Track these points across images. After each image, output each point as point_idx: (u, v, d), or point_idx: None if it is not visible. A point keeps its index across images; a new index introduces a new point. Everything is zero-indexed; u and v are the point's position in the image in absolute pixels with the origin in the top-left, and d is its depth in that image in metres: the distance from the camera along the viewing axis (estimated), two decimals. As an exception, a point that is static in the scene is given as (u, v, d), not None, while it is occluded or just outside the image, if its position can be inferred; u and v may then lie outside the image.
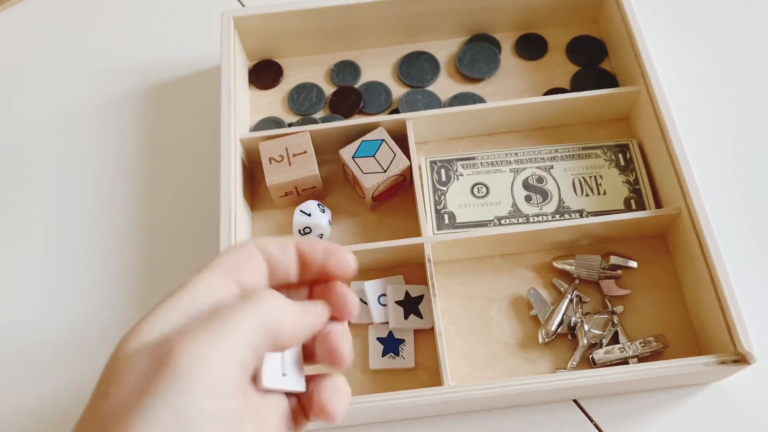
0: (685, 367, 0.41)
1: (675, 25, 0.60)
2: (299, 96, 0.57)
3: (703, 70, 0.57)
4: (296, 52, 0.59)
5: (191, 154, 0.56)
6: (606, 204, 0.50)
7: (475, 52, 0.58)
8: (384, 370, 0.46)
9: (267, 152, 0.51)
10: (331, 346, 0.28)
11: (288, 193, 0.51)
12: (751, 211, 0.51)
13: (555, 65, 0.58)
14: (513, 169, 0.52)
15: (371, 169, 0.50)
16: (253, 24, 0.56)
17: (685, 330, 0.47)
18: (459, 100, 0.56)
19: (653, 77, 0.50)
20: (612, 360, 0.45)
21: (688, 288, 0.47)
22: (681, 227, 0.47)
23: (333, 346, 0.28)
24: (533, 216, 0.50)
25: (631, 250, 0.49)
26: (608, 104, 0.53)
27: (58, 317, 0.50)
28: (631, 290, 0.48)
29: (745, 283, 0.47)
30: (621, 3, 0.53)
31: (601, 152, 0.52)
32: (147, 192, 0.55)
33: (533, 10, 0.58)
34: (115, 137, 0.57)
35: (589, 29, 0.59)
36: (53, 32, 0.63)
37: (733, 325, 0.41)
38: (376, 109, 0.56)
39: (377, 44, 0.59)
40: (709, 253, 0.43)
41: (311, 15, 0.55)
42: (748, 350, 0.40)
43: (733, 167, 0.53)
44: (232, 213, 0.47)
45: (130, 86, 0.59)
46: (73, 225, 0.54)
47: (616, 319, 0.46)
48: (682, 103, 0.55)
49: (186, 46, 0.61)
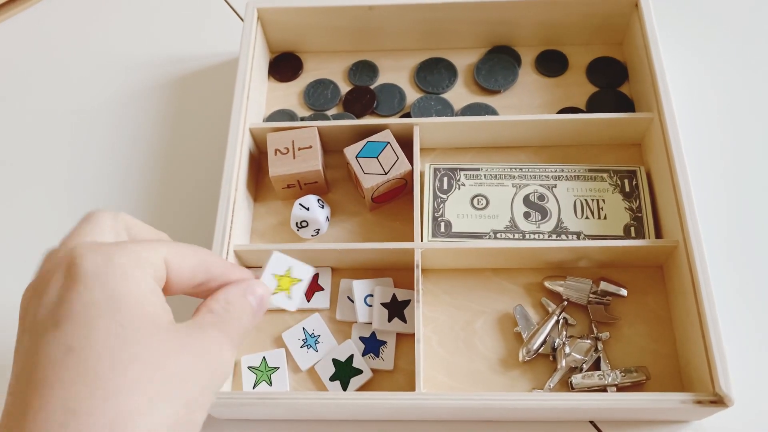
0: (659, 402, 0.40)
1: (698, 56, 0.58)
2: (315, 91, 0.58)
3: (721, 104, 0.56)
4: (318, 47, 0.60)
5: (210, 144, 0.57)
6: (605, 229, 0.49)
7: (493, 64, 0.57)
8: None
9: (274, 143, 0.51)
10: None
11: (290, 186, 0.52)
12: (751, 252, 0.50)
13: (573, 84, 0.57)
14: (516, 184, 0.51)
15: (373, 170, 0.50)
16: (276, 17, 0.57)
17: (671, 365, 0.46)
18: (472, 110, 0.56)
19: (666, 105, 0.49)
20: (590, 386, 0.44)
21: (677, 323, 0.46)
22: (677, 260, 0.46)
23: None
24: (530, 233, 0.49)
25: (627, 278, 0.48)
26: (621, 128, 0.52)
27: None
28: (620, 318, 0.47)
29: (734, 325, 0.46)
30: (645, 27, 0.52)
31: (607, 176, 0.51)
32: (162, 181, 0.56)
33: (558, 26, 0.57)
34: (141, 126, 0.59)
35: (613, 51, 0.58)
36: (81, 27, 0.65)
37: (714, 365, 0.40)
38: (388, 111, 0.57)
39: (398, 47, 0.59)
40: (699, 289, 0.42)
41: (334, 13, 0.56)
42: (726, 392, 0.39)
43: (737, 206, 0.52)
44: (231, 199, 0.48)
45: (158, 77, 0.61)
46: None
47: (600, 345, 0.46)
48: (695, 135, 0.54)
49: (215, 38, 0.63)
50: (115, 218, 0.32)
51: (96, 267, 0.28)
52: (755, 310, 0.48)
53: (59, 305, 0.27)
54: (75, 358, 0.26)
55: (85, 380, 0.26)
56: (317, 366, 0.47)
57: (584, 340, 0.45)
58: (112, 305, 0.27)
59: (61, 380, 0.26)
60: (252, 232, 0.53)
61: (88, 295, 0.27)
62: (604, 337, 0.46)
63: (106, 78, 0.62)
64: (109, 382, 0.26)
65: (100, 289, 0.27)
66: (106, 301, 0.27)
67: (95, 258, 0.28)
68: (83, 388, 0.26)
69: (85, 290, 0.27)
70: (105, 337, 0.27)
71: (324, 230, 0.52)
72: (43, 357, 0.26)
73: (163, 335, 0.28)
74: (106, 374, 0.26)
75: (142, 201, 0.55)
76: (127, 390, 0.26)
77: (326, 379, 0.46)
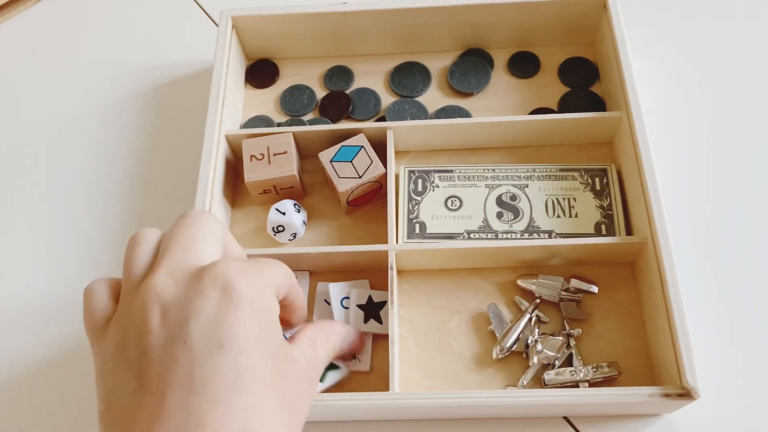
0: (627, 396, 0.41)
1: (669, 55, 0.59)
2: (291, 97, 0.59)
3: (690, 103, 0.57)
4: (293, 53, 0.60)
5: (188, 152, 0.57)
6: (576, 227, 0.50)
7: (466, 67, 0.58)
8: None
9: (249, 149, 0.52)
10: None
11: (267, 191, 0.52)
12: (718, 248, 0.51)
13: (546, 85, 0.58)
14: (489, 184, 0.52)
15: (347, 174, 0.51)
16: (251, 24, 0.57)
17: (642, 360, 0.47)
18: (446, 112, 0.57)
19: (634, 104, 0.50)
20: (562, 382, 0.45)
21: (648, 318, 0.47)
22: (646, 257, 0.46)
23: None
24: (502, 233, 0.50)
25: (600, 275, 0.49)
26: (592, 128, 0.53)
27: (51, 304, 0.53)
28: (592, 315, 0.48)
29: (702, 320, 0.47)
30: (613, 27, 0.53)
31: (578, 175, 0.52)
32: (141, 189, 0.57)
33: (530, 28, 0.58)
34: (121, 134, 0.59)
35: (584, 51, 0.59)
36: (59, 37, 0.66)
37: (681, 358, 0.41)
38: (364, 116, 0.57)
39: (373, 52, 0.60)
40: (666, 285, 0.43)
41: (308, 19, 0.57)
42: (693, 385, 0.40)
43: (706, 203, 0.52)
44: (206, 205, 0.49)
45: (138, 85, 0.62)
46: (62, 229, 0.56)
47: (572, 342, 0.46)
48: (664, 133, 0.54)
49: (194, 46, 0.63)
50: (222, 228, 0.34)
51: (250, 294, 0.30)
52: (724, 305, 0.48)
53: (219, 325, 0.29)
54: (246, 384, 0.28)
55: (256, 407, 0.28)
56: None
57: (556, 338, 0.46)
58: (264, 337, 0.30)
59: (237, 405, 0.27)
60: (230, 238, 0.53)
61: (248, 322, 0.29)
62: (576, 333, 0.47)
63: (84, 87, 0.62)
64: (271, 410, 0.29)
65: (252, 316, 0.30)
66: (261, 333, 0.30)
67: (248, 285, 0.30)
68: (256, 414, 0.28)
69: (243, 317, 0.29)
70: (264, 368, 0.29)
71: (301, 234, 0.52)
72: (212, 375, 0.28)
73: (291, 367, 0.32)
74: (269, 402, 0.29)
75: (120, 208, 0.56)
76: (282, 419, 0.29)
77: None
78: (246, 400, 0.28)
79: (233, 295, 0.29)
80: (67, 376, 0.49)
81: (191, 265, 0.31)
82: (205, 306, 0.29)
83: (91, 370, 0.33)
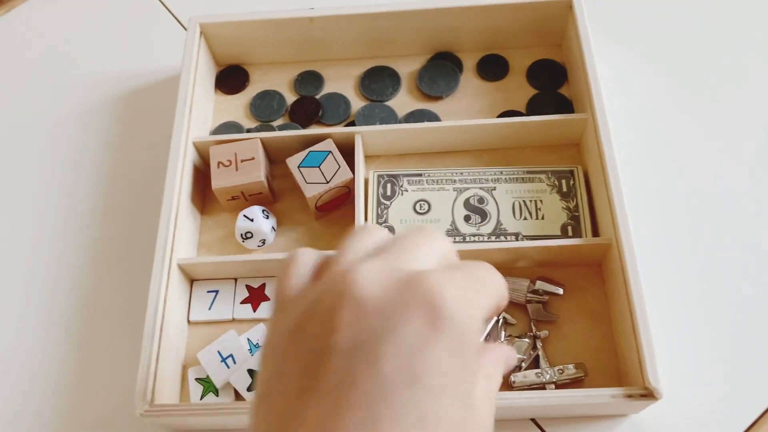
0: (591, 398, 0.41)
1: (636, 56, 0.59)
2: (261, 103, 0.59)
3: (656, 104, 0.57)
4: (263, 59, 0.60)
5: (157, 160, 0.57)
6: (543, 229, 0.50)
7: (435, 71, 0.58)
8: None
9: (216, 156, 0.52)
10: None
11: (235, 198, 0.52)
12: (683, 248, 0.51)
13: (514, 87, 0.58)
14: (457, 188, 0.52)
15: (315, 179, 0.51)
16: (220, 31, 0.57)
17: (610, 360, 0.47)
18: (415, 116, 0.57)
19: (598, 105, 0.50)
20: (529, 384, 0.45)
21: (614, 319, 0.47)
22: (612, 258, 0.47)
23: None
24: (470, 236, 0.50)
25: (568, 276, 0.49)
26: (559, 130, 0.53)
27: (8, 306, 0.52)
28: (559, 316, 0.48)
29: (667, 320, 0.47)
30: (578, 29, 0.53)
31: (545, 177, 0.52)
32: (110, 198, 0.57)
33: (498, 31, 0.58)
34: (86, 145, 0.59)
35: (552, 53, 0.59)
36: (30, 45, 0.65)
37: (644, 359, 0.41)
38: (334, 120, 0.58)
39: (342, 56, 0.60)
40: (629, 286, 0.43)
41: (276, 25, 0.57)
42: (655, 386, 0.40)
43: (671, 204, 0.53)
44: (173, 213, 0.49)
45: (108, 93, 0.62)
46: (28, 236, 0.55)
47: (539, 343, 0.47)
48: (630, 134, 0.55)
49: (164, 53, 0.63)
50: (452, 249, 0.30)
51: (458, 323, 0.25)
52: (689, 305, 0.49)
53: (415, 356, 0.24)
54: (430, 430, 0.23)
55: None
56: (232, 379, 0.47)
57: (522, 339, 0.46)
58: (460, 379, 0.25)
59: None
60: (199, 245, 0.53)
61: (447, 359, 0.24)
62: (543, 335, 0.47)
63: (53, 96, 0.62)
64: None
65: (454, 353, 0.25)
66: (459, 373, 0.25)
67: (458, 312, 0.25)
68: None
69: (443, 352, 0.24)
70: (451, 418, 0.24)
71: (270, 240, 0.52)
72: (392, 413, 0.23)
73: (474, 417, 0.26)
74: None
75: (88, 219, 0.55)
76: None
77: (243, 390, 0.46)
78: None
79: (439, 322, 0.24)
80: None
81: (403, 271, 0.26)
82: (405, 328, 0.24)
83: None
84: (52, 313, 0.52)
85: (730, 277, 0.49)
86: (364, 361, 0.24)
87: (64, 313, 0.52)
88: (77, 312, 0.52)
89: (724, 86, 0.57)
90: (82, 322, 0.51)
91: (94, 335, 0.51)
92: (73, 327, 0.51)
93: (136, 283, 0.51)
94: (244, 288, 0.51)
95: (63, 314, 0.52)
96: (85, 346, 0.50)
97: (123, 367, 0.49)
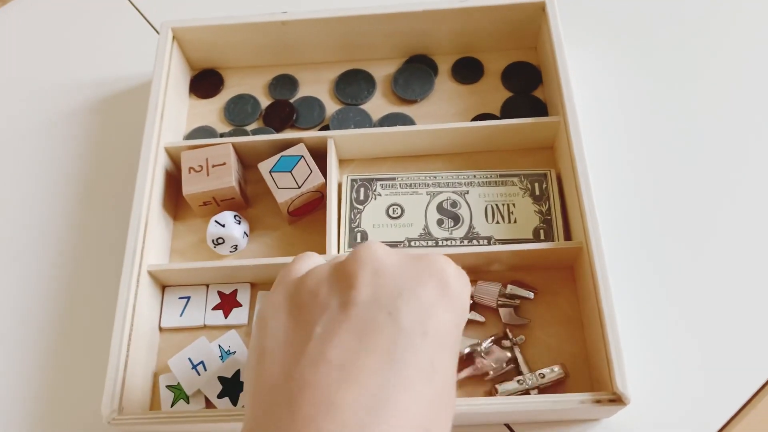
0: (560, 403, 0.41)
1: (609, 59, 0.59)
2: (236, 107, 0.58)
3: (627, 107, 0.57)
4: (238, 63, 0.60)
5: (130, 167, 0.56)
6: (515, 232, 0.50)
7: (410, 74, 0.58)
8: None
9: (188, 161, 0.52)
10: None
11: (207, 203, 0.52)
12: (652, 253, 0.51)
13: (489, 90, 0.58)
14: (430, 192, 0.52)
15: (286, 184, 0.51)
16: (193, 35, 0.57)
17: (582, 365, 0.46)
18: (389, 120, 0.56)
19: (570, 108, 0.50)
20: (513, 391, 0.45)
21: (586, 323, 0.47)
22: (582, 262, 0.46)
23: None
24: (442, 240, 0.50)
25: (540, 280, 0.49)
26: (532, 133, 0.53)
27: (-22, 309, 0.52)
28: (530, 320, 0.48)
29: (637, 325, 0.47)
30: (551, 31, 0.53)
31: (517, 180, 0.52)
32: (81, 206, 0.56)
33: (473, 33, 0.58)
34: (59, 152, 0.59)
35: (527, 56, 0.59)
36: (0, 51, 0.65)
37: (612, 364, 0.41)
38: (308, 124, 0.57)
39: (317, 60, 0.60)
40: (598, 290, 0.43)
41: (249, 29, 0.57)
42: (623, 391, 0.40)
43: (642, 208, 0.52)
44: (142, 219, 0.48)
45: (77, 101, 0.61)
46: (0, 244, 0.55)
47: (517, 350, 0.46)
48: (602, 137, 0.54)
49: (138, 58, 0.63)
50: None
51: (460, 296, 0.32)
52: (658, 309, 0.48)
53: (429, 314, 0.29)
54: (438, 378, 0.28)
55: (439, 405, 0.28)
56: (202, 386, 0.46)
57: (504, 352, 0.46)
58: (456, 341, 0.31)
59: (426, 396, 0.27)
60: (172, 251, 0.53)
61: (452, 322, 0.30)
62: (519, 340, 0.47)
63: (26, 103, 0.61)
64: (448, 412, 0.29)
65: (456, 318, 0.31)
66: (457, 336, 0.31)
67: (460, 287, 0.32)
68: (440, 413, 0.28)
69: (451, 316, 0.30)
70: (453, 370, 0.30)
71: (243, 246, 0.52)
72: (411, 358, 0.28)
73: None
74: (449, 404, 0.29)
75: (59, 225, 0.55)
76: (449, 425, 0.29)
77: (214, 398, 0.46)
78: (434, 394, 0.28)
79: (447, 290, 0.30)
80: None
81: (412, 252, 0.33)
82: (421, 290, 0.30)
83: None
84: (22, 319, 0.51)
85: (701, 280, 0.49)
86: (383, 314, 0.28)
87: (34, 319, 0.51)
88: (48, 317, 0.51)
89: (698, 88, 0.57)
90: (53, 329, 0.51)
91: (65, 342, 0.50)
92: (44, 333, 0.51)
93: (108, 290, 0.51)
94: (215, 294, 0.50)
95: (33, 319, 0.51)
96: (56, 353, 0.50)
97: (94, 374, 0.48)
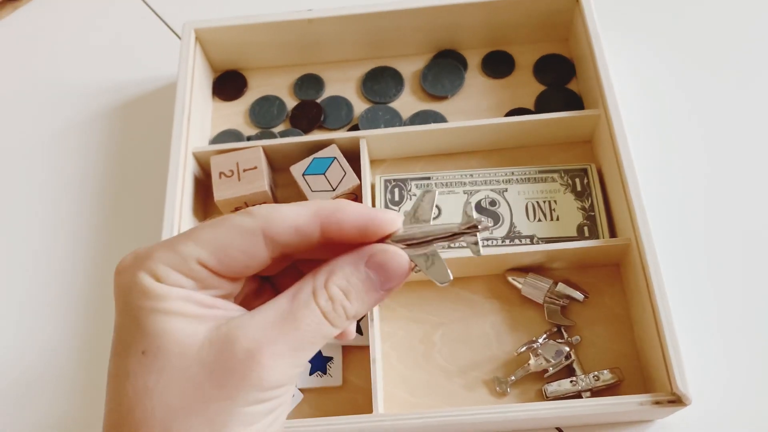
0: (618, 406, 0.40)
1: (649, 49, 0.58)
2: (261, 108, 0.57)
3: (671, 98, 0.55)
4: (261, 63, 0.59)
5: (157, 172, 0.55)
6: (558, 230, 0.48)
7: (439, 69, 0.57)
8: (313, 389, 0.46)
9: (218, 167, 0.50)
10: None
11: (238, 209, 0.51)
12: (704, 247, 0.49)
13: (521, 84, 0.56)
14: (467, 190, 0.51)
15: (320, 187, 0.49)
16: (215, 36, 0.56)
17: (633, 364, 0.45)
18: (420, 117, 0.55)
19: (611, 101, 0.48)
20: (564, 393, 0.43)
21: (636, 322, 0.45)
22: (631, 259, 0.45)
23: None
24: (482, 240, 0.48)
25: (586, 278, 0.48)
26: (570, 127, 0.51)
27: (9, 321, 0.51)
28: (575, 322, 0.46)
29: (690, 322, 0.45)
30: (586, 22, 0.52)
31: (558, 176, 0.50)
32: (110, 212, 0.55)
33: (502, 26, 0.56)
34: (84, 158, 0.57)
35: (559, 48, 0.57)
36: (21, 56, 0.63)
37: (671, 364, 0.39)
38: (336, 125, 0.56)
39: (342, 58, 0.58)
40: (652, 288, 0.42)
41: (273, 28, 0.55)
42: (684, 392, 0.39)
43: (691, 201, 0.51)
44: (174, 226, 0.47)
45: (98, 105, 0.60)
46: (27, 252, 0.54)
47: (572, 350, 0.45)
48: (644, 129, 0.53)
49: (157, 62, 0.61)
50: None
51: (118, 289, 0.28)
52: (713, 305, 0.47)
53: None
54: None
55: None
56: None
57: (559, 345, 0.44)
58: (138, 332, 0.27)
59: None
60: (203, 258, 0.51)
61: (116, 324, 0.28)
62: (575, 341, 0.45)
63: (47, 108, 0.60)
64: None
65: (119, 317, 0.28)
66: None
67: (119, 278, 0.28)
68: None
69: (116, 318, 0.28)
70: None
71: (276, 251, 0.50)
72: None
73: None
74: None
75: (87, 234, 0.54)
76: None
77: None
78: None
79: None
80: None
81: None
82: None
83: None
84: (52, 326, 0.50)
85: (755, 277, 0.48)
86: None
87: (64, 327, 0.50)
88: (77, 327, 0.50)
89: (744, 76, 0.55)
90: (84, 338, 0.49)
91: (99, 351, 0.49)
92: (73, 343, 0.49)
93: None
94: (250, 302, 0.49)
95: (63, 328, 0.50)
96: (89, 362, 0.49)
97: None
